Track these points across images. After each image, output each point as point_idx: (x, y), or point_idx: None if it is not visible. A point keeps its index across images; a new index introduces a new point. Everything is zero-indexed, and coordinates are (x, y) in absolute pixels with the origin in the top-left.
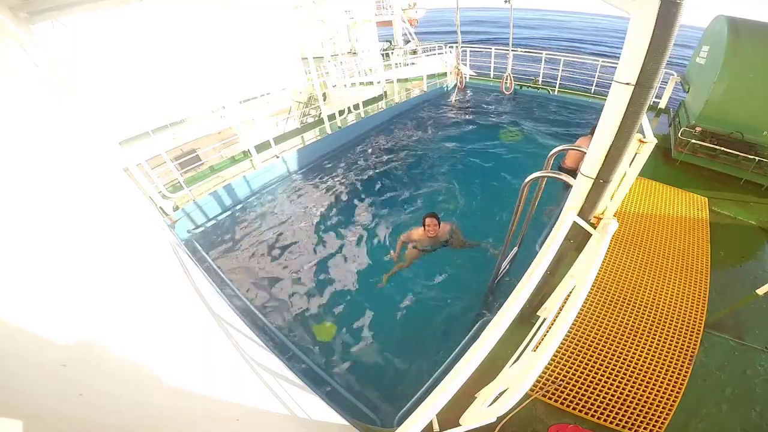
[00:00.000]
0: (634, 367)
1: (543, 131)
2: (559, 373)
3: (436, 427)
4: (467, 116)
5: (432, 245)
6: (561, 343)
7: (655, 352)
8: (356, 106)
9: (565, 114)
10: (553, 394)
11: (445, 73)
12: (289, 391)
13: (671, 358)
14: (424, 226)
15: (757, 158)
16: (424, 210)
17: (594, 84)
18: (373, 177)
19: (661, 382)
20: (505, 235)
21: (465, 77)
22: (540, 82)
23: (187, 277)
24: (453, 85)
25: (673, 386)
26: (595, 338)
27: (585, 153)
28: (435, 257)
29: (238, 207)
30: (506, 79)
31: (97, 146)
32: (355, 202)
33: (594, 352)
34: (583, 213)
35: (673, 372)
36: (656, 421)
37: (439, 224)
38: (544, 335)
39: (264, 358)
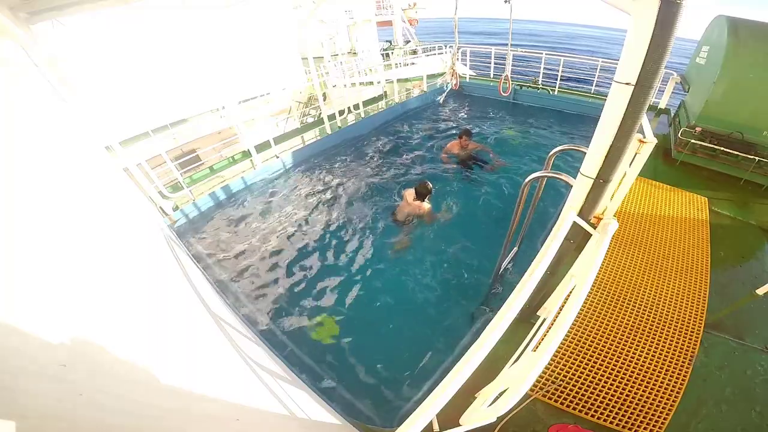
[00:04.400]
0: (634, 367)
1: (543, 131)
2: (559, 373)
3: (436, 427)
4: (466, 116)
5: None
6: (561, 343)
7: (655, 352)
8: (356, 106)
9: (565, 114)
10: (553, 394)
11: (445, 73)
12: (288, 391)
13: (671, 358)
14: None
15: (756, 158)
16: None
17: (594, 84)
18: (372, 176)
19: (661, 382)
20: (504, 235)
21: (464, 77)
22: (540, 83)
23: (187, 277)
24: (449, 86)
25: (673, 386)
26: (595, 338)
27: (462, 143)
28: (434, 257)
29: (238, 207)
30: (504, 81)
31: (97, 146)
32: (355, 201)
33: (594, 352)
34: (583, 213)
35: (673, 372)
36: (656, 421)
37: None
38: (544, 335)
39: (264, 357)
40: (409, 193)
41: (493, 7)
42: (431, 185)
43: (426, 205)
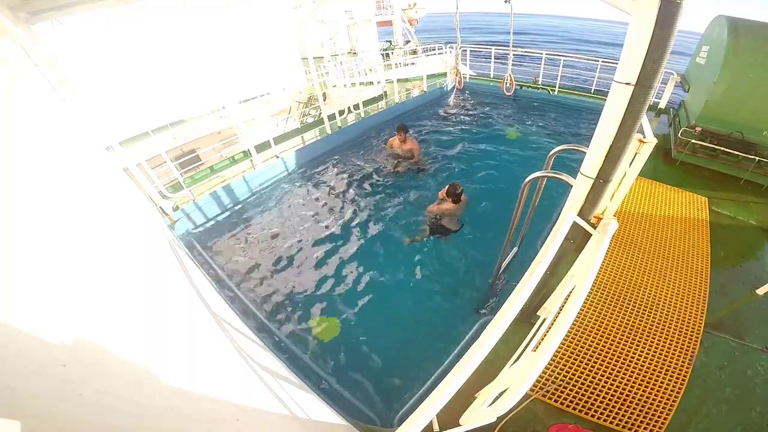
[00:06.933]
0: (634, 367)
1: (543, 131)
2: (559, 373)
3: (436, 427)
4: (466, 116)
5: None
6: (561, 343)
7: (655, 352)
8: (356, 106)
9: (565, 114)
10: (553, 394)
11: (445, 73)
12: (289, 391)
13: (671, 358)
14: (452, 199)
15: (757, 158)
16: (425, 205)
17: (594, 84)
18: (373, 176)
19: (661, 382)
20: (504, 234)
21: (465, 77)
22: (540, 82)
23: (187, 277)
24: (452, 86)
25: (673, 386)
26: (595, 338)
27: (404, 144)
28: (434, 257)
29: (238, 207)
30: (506, 80)
31: (97, 146)
32: (355, 201)
33: (594, 352)
34: (583, 213)
35: (673, 372)
36: (656, 421)
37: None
38: (544, 335)
39: (264, 358)
40: (447, 205)
41: (497, 5)
42: (459, 184)
43: (466, 199)
